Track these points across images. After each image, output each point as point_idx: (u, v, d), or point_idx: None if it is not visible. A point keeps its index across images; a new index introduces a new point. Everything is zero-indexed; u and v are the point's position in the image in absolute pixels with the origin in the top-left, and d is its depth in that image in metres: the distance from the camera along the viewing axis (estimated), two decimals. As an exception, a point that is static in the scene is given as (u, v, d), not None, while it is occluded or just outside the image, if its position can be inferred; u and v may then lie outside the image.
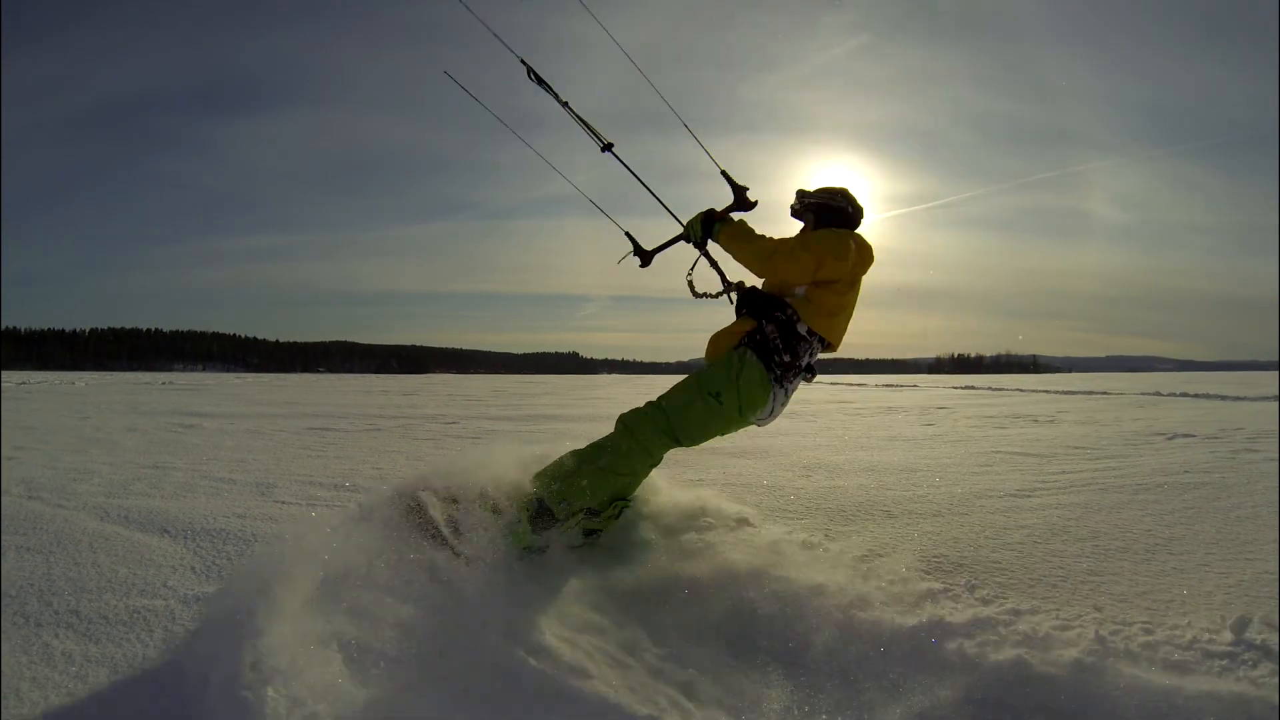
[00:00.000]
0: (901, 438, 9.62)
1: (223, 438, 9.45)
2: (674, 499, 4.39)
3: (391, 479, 5.98)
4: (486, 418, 13.51)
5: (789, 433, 10.26)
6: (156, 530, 4.37)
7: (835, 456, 7.59)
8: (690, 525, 4.11)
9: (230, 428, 10.84)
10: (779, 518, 4.82)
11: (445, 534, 3.23)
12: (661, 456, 3.66)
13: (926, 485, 5.90)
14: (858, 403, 19.17)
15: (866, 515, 4.88)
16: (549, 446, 4.07)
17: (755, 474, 6.50)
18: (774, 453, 7.91)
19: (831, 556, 3.87)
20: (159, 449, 8.14)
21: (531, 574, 3.25)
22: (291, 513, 4.82)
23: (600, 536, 3.67)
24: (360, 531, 3.19)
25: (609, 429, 3.65)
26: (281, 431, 10.32)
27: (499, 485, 3.57)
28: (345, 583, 2.87)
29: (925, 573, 3.65)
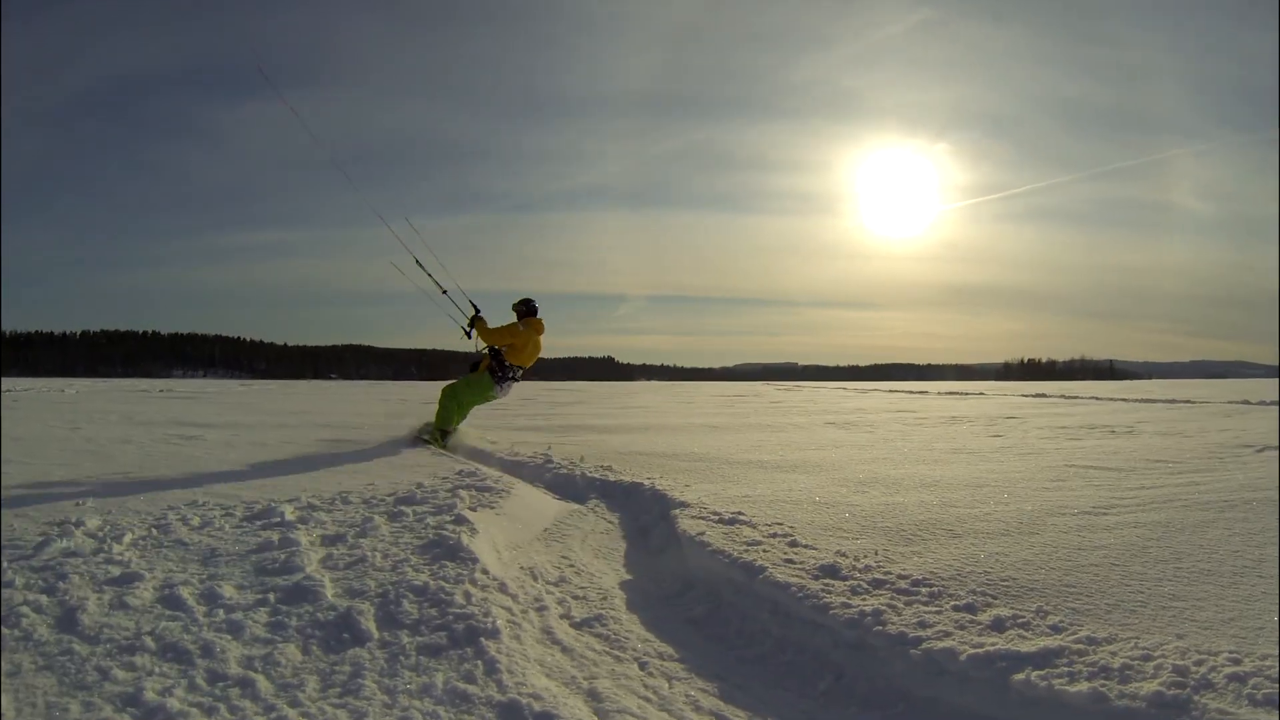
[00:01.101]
0: (966, 450, 9.52)
1: (226, 449, 9.43)
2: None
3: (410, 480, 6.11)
4: (513, 428, 13.51)
5: (843, 444, 10.23)
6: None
7: (894, 470, 7.53)
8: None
9: (234, 439, 10.78)
10: (832, 537, 4.81)
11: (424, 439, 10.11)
12: (461, 409, 10.23)
13: (993, 502, 5.83)
14: (919, 412, 19.02)
15: (928, 535, 4.84)
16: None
17: (806, 489, 6.48)
18: (827, 466, 7.87)
19: (891, 579, 3.87)
20: (156, 462, 8.10)
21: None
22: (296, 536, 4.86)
23: (449, 439, 10.04)
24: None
25: (649, 440, 4.10)
26: (290, 443, 10.31)
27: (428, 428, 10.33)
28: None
29: (992, 598, 3.63)
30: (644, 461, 8.43)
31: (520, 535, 5.45)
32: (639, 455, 8.99)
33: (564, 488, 7.38)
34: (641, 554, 5.42)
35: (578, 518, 6.24)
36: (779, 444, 10.35)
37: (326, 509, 5.64)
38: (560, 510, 6.43)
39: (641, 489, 6.78)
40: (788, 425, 14.27)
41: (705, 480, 7.10)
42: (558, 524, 5.98)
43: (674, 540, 5.28)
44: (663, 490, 6.53)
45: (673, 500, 6.10)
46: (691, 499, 6.04)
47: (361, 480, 6.96)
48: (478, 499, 6.08)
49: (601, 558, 5.27)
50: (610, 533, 5.93)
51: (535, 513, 6.15)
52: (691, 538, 4.95)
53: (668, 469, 7.84)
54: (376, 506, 5.74)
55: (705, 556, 4.66)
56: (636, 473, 7.59)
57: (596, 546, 5.52)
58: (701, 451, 9.37)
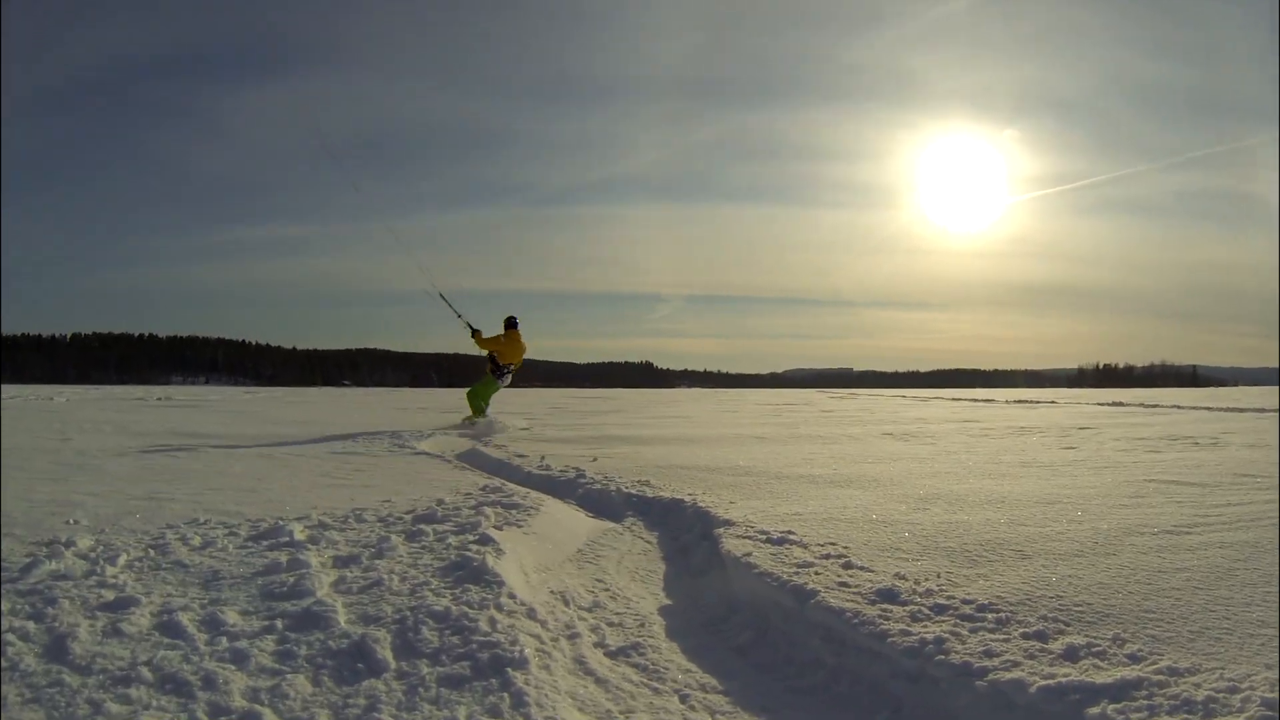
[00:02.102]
0: (1036, 463, 9.41)
1: (229, 462, 9.49)
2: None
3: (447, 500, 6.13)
4: (542, 439, 13.50)
5: (902, 457, 10.16)
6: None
7: (957, 486, 7.47)
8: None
9: (238, 451, 10.87)
10: (890, 558, 4.78)
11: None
12: (484, 400, 16.50)
13: (1066, 520, 5.76)
14: (984, 422, 18.81)
15: (995, 556, 4.79)
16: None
17: (862, 506, 6.44)
18: (884, 481, 7.82)
19: (954, 604, 3.85)
20: (153, 476, 8.15)
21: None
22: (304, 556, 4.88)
23: (483, 418, 16.15)
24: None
25: (690, 452, 4.05)
26: (299, 456, 10.37)
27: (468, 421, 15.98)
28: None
29: (1065, 624, 3.58)
30: (684, 476, 8.42)
31: (550, 556, 5.46)
32: (679, 469, 8.98)
33: (598, 504, 7.38)
34: (682, 576, 5.40)
35: (613, 537, 6.25)
36: (832, 457, 10.28)
37: (339, 528, 5.68)
38: (594, 529, 6.45)
39: (682, 506, 6.77)
40: (841, 436, 14.17)
41: (751, 496, 7.07)
42: (591, 544, 5.99)
43: (717, 561, 5.26)
44: (705, 507, 6.51)
45: (716, 518, 6.08)
46: (736, 517, 6.02)
47: (377, 496, 7.03)
48: (504, 517, 6.11)
49: (639, 580, 5.27)
50: (648, 553, 5.92)
51: (566, 532, 6.16)
52: (736, 559, 4.93)
53: (710, 484, 7.82)
54: (393, 525, 5.77)
55: (751, 579, 4.63)
56: (676, 488, 7.57)
57: (633, 568, 5.52)
58: (747, 465, 9.34)
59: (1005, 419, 20.27)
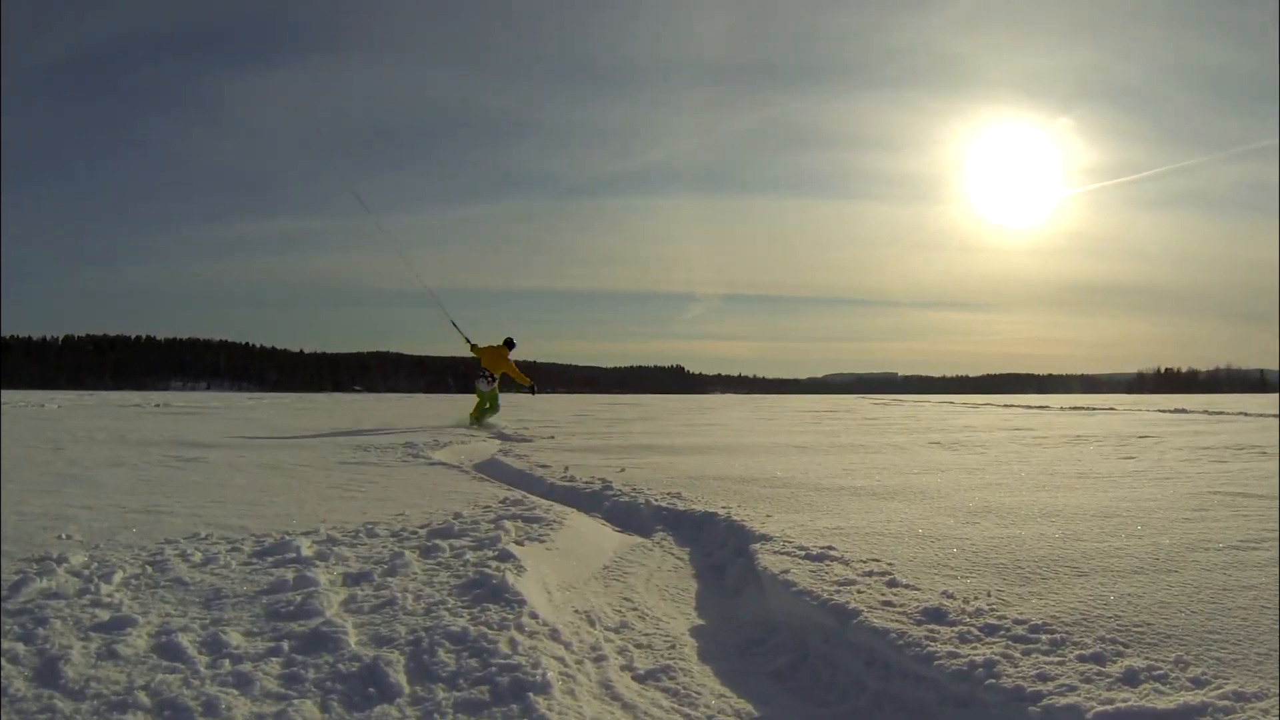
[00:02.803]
0: (1093, 474, 9.36)
1: (232, 474, 9.52)
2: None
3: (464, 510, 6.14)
4: (566, 449, 13.53)
5: (950, 468, 10.15)
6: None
7: (1009, 498, 7.44)
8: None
9: (242, 461, 10.90)
10: (937, 575, 4.75)
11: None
12: (487, 405, 20.58)
13: (1125, 535, 5.72)
14: (1038, 430, 18.73)
15: (1049, 573, 4.76)
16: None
17: (908, 520, 6.43)
18: (932, 493, 7.81)
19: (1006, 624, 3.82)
20: (151, 488, 8.18)
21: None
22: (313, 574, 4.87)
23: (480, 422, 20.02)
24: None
25: (724, 462, 4.00)
26: (306, 466, 10.40)
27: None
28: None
29: (1124, 646, 3.55)
30: (718, 487, 8.42)
31: (575, 573, 5.45)
32: (712, 480, 8.98)
33: (625, 518, 7.41)
34: (715, 595, 5.39)
35: (641, 553, 6.24)
36: (875, 467, 10.28)
37: (349, 543, 5.69)
38: (621, 544, 6.46)
39: (715, 520, 6.77)
40: (886, 445, 14.20)
41: (789, 509, 7.07)
42: (618, 560, 5.99)
43: (753, 579, 5.25)
44: (740, 521, 6.51)
45: (752, 533, 6.07)
46: (774, 531, 6.01)
47: (390, 509, 7.06)
48: (525, 531, 6.12)
49: (669, 599, 5.25)
50: (679, 570, 5.91)
51: (592, 547, 6.17)
52: (774, 576, 4.92)
53: (746, 496, 7.82)
54: (407, 540, 5.78)
55: (790, 598, 4.62)
56: (709, 501, 7.58)
57: (663, 586, 5.50)
58: (785, 476, 9.34)
59: (1060, 427, 20.17)
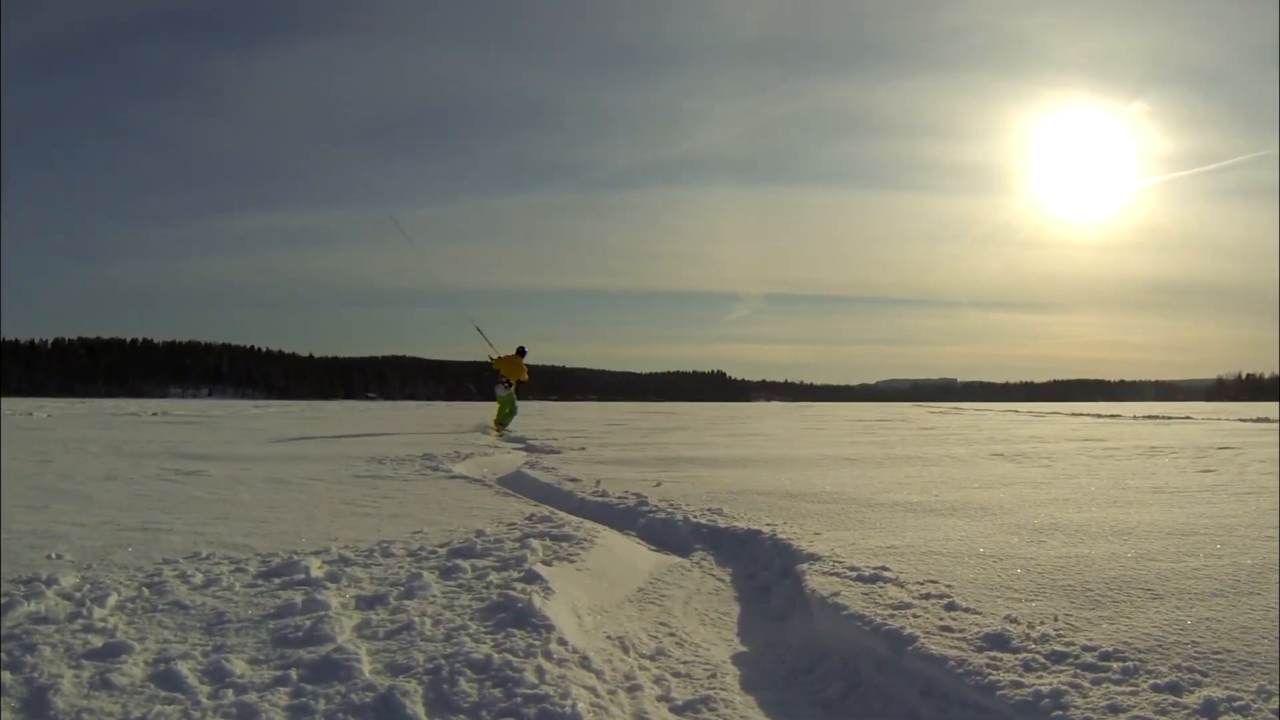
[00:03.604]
0: (1169, 489, 9.27)
1: (236, 488, 9.56)
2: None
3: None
4: (598, 461, 13.53)
5: (1013, 482, 10.09)
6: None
7: (1077, 515, 7.39)
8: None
9: (246, 474, 10.93)
10: (1000, 598, 4.71)
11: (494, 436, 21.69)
12: (506, 410, 24.09)
13: (1203, 554, 5.66)
14: (1109, 441, 18.57)
15: (1121, 595, 4.71)
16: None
17: (968, 538, 6.40)
18: (994, 509, 7.77)
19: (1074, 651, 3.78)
20: (148, 504, 8.21)
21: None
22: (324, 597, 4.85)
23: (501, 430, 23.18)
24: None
25: (769, 476, 4.13)
26: (316, 480, 10.43)
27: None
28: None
29: (1202, 675, 3.49)
30: (762, 503, 8.42)
31: (607, 596, 5.46)
32: (756, 495, 8.98)
33: (662, 536, 7.41)
34: (760, 620, 5.38)
35: (679, 574, 6.25)
36: (933, 481, 10.26)
37: (363, 563, 5.71)
38: (657, 564, 6.46)
39: (759, 538, 6.78)
40: (944, 458, 14.17)
41: (839, 527, 7.06)
42: (654, 582, 5.99)
43: (800, 602, 5.25)
44: (786, 539, 6.51)
45: (799, 552, 6.07)
46: (822, 550, 6.00)
47: (407, 527, 7.10)
48: (554, 550, 6.13)
49: (710, 624, 5.24)
50: (720, 593, 5.90)
51: (626, 568, 6.18)
52: (823, 599, 4.91)
53: (792, 512, 7.81)
54: (426, 560, 5.80)
55: (840, 623, 4.60)
56: (753, 517, 7.58)
57: (703, 610, 5.49)
58: (835, 490, 9.31)
59: (1133, 437, 20.00)
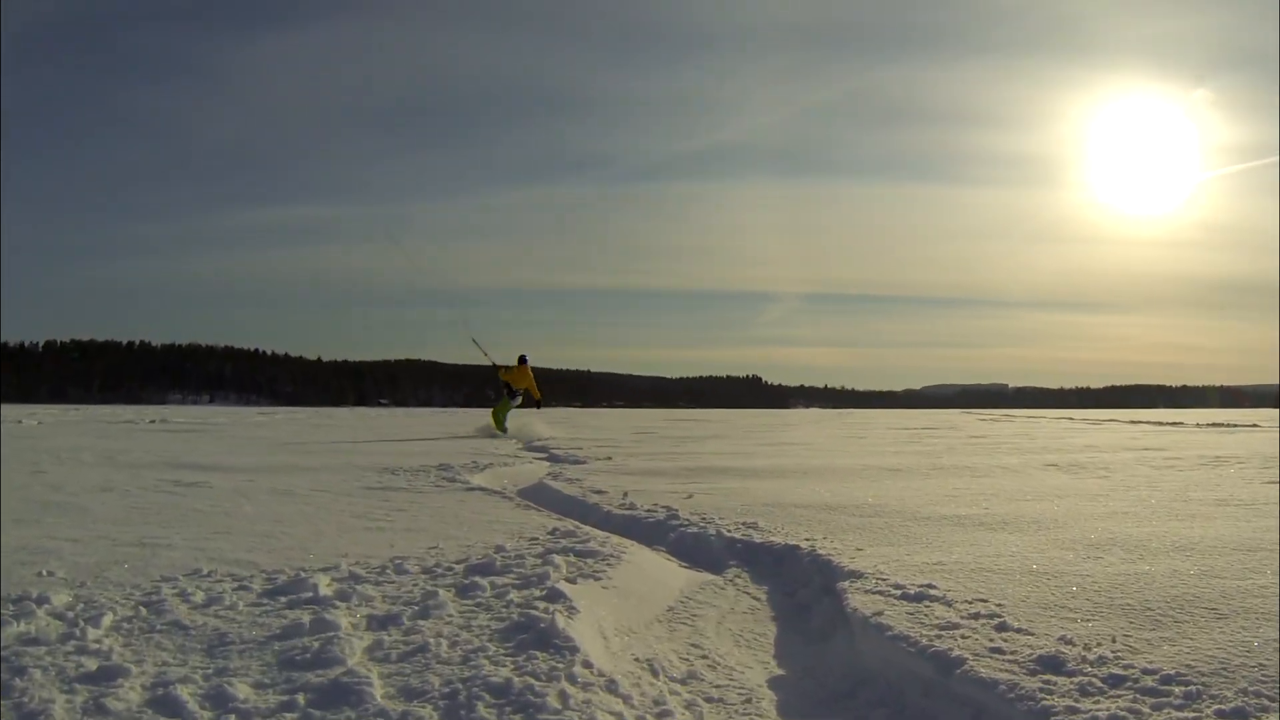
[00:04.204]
0: (1234, 501, 9.20)
1: (239, 501, 9.53)
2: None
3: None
4: (625, 471, 13.50)
5: (1068, 493, 10.05)
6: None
7: (1137, 529, 7.34)
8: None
9: (250, 486, 10.91)
10: (1054, 618, 4.68)
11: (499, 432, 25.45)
12: (503, 415, 26.13)
13: (1271, 571, 5.61)
14: (1170, 450, 18.43)
15: (1183, 615, 4.67)
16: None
17: (1020, 553, 6.37)
18: (1047, 523, 7.73)
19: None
20: (145, 517, 8.19)
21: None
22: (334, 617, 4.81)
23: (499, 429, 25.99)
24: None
25: (807, 487, 4.39)
26: (325, 492, 10.42)
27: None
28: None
29: (1270, 700, 3.46)
30: (800, 516, 8.39)
31: (635, 616, 5.43)
32: (794, 508, 8.95)
33: (694, 552, 7.39)
34: (798, 641, 5.37)
35: (712, 592, 6.23)
36: (982, 493, 10.23)
37: (375, 581, 5.69)
38: (689, 582, 6.44)
39: (798, 554, 6.77)
40: (994, 468, 14.13)
41: (883, 542, 7.05)
42: (685, 600, 5.97)
43: (841, 622, 5.25)
44: (826, 555, 6.50)
45: (840, 569, 6.06)
46: (865, 567, 5.99)
47: (421, 542, 7.08)
48: (578, 567, 6.12)
49: (744, 646, 5.22)
50: (756, 612, 5.89)
51: (655, 585, 6.16)
52: (865, 619, 4.90)
53: (833, 526, 7.79)
54: (442, 577, 5.79)
55: (883, 644, 4.60)
56: (791, 532, 7.56)
57: (737, 630, 5.48)
58: (878, 503, 9.30)
59: (1196, 446, 19.87)
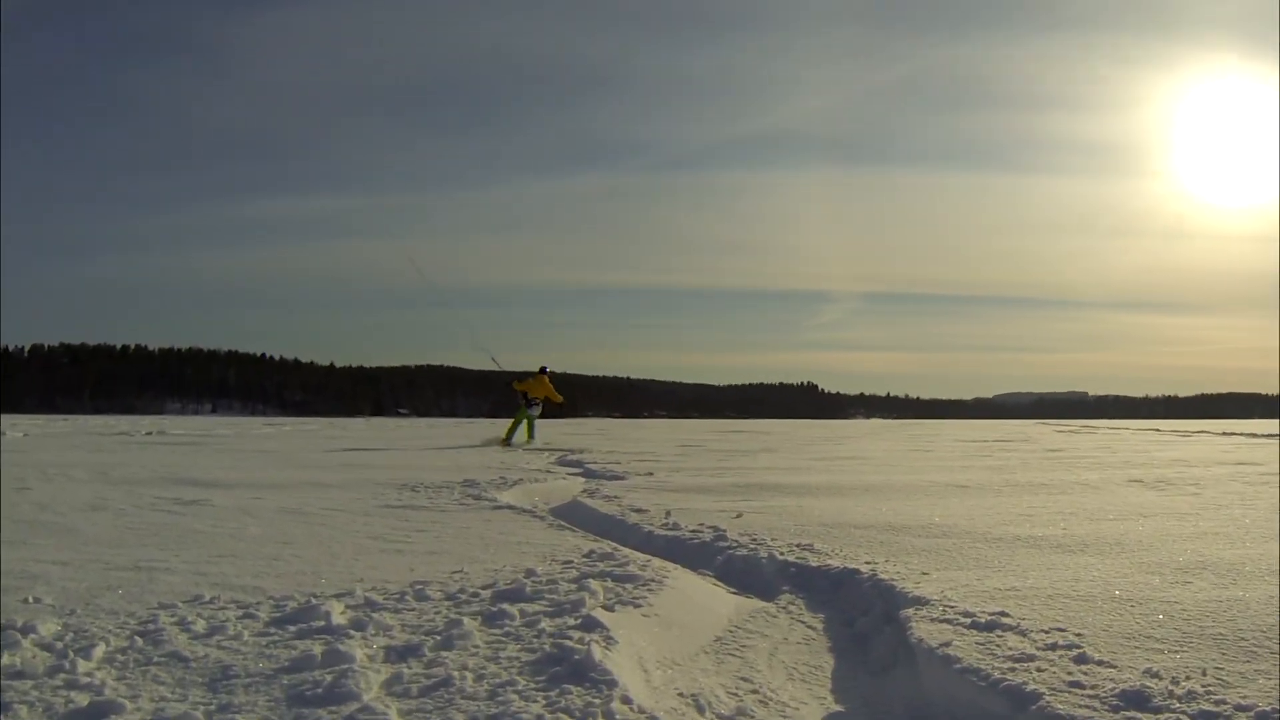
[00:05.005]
0: (1341, 520, 9.05)
1: (244, 520, 9.48)
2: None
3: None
4: (668, 488, 13.41)
5: (1155, 512, 9.92)
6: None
7: (1229, 551, 7.26)
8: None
9: (256, 505, 10.82)
10: (1139, 649, 4.62)
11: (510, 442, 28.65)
12: (520, 421, 29.35)
13: (1384, 597, 5.49)
14: (1267, 465, 18.19)
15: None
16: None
17: (1101, 578, 6.30)
18: (1129, 545, 7.64)
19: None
20: (141, 539, 8.15)
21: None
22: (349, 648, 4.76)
23: (511, 442, 29.23)
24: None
25: (868, 505, 5.08)
26: (339, 511, 10.35)
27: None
28: None
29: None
30: (860, 538, 8.34)
31: (679, 646, 5.35)
32: (852, 528, 8.91)
33: (743, 576, 7.34)
34: (858, 674, 5.31)
35: (763, 621, 6.15)
36: (1060, 512, 10.12)
37: (393, 608, 5.64)
38: (738, 609, 6.36)
39: (857, 578, 6.72)
40: (1073, 484, 13.98)
41: (951, 565, 7.01)
42: (734, 630, 5.89)
43: (905, 654, 5.18)
44: (888, 580, 6.45)
45: (903, 595, 6.02)
46: (931, 593, 5.94)
47: (444, 565, 7.02)
48: (616, 593, 6.06)
49: (799, 679, 5.15)
50: (811, 642, 5.81)
51: (701, 613, 6.08)
52: (931, 650, 4.85)
53: (895, 549, 7.75)
54: (467, 605, 5.73)
55: (951, 677, 4.54)
56: (849, 554, 7.51)
57: (791, 663, 5.40)
58: (945, 523, 9.23)
59: (1297, 460, 19.62)
